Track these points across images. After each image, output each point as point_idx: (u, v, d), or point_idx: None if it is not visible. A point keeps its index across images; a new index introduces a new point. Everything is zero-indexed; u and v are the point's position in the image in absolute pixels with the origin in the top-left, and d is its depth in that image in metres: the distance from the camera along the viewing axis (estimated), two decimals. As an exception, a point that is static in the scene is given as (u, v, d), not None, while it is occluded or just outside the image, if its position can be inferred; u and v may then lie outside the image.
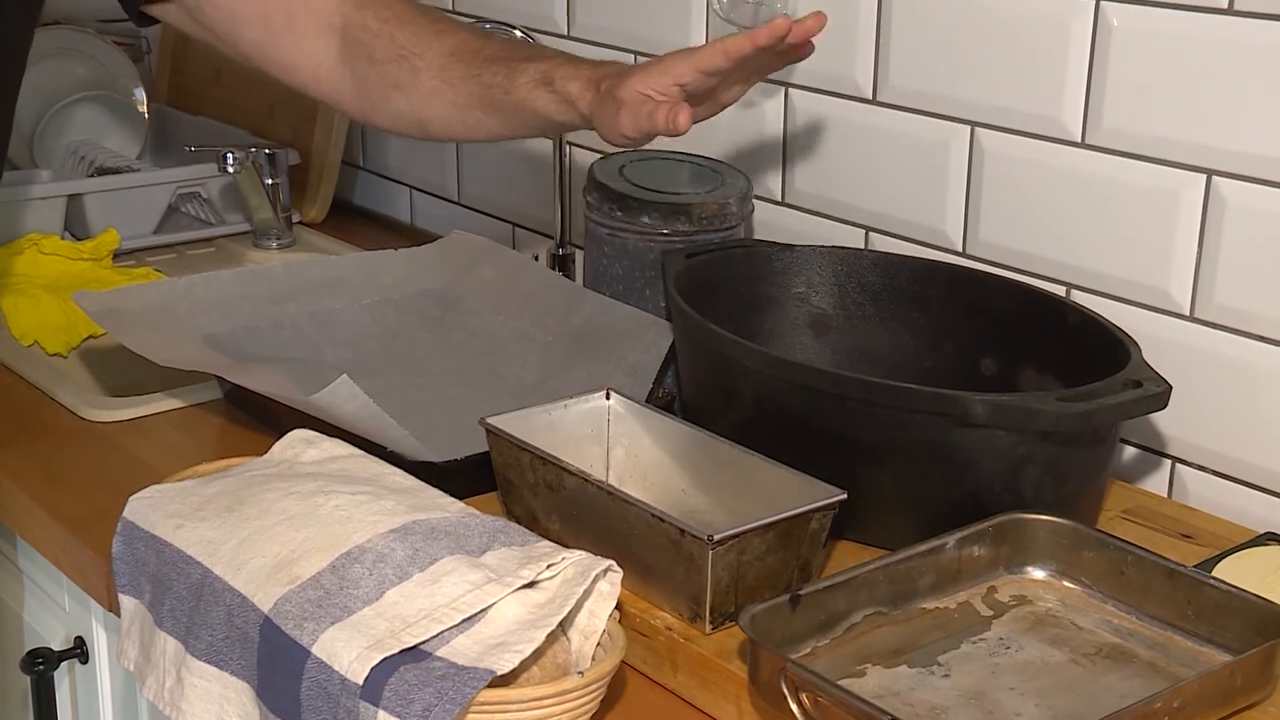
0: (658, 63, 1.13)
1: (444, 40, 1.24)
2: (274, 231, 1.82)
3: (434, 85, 1.23)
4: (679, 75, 1.11)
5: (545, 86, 1.17)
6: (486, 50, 1.22)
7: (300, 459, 1.09)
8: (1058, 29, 1.23)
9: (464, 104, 1.22)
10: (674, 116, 1.08)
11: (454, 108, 1.23)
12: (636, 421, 1.14)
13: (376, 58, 1.24)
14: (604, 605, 0.93)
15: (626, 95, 1.11)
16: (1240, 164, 1.14)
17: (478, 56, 1.22)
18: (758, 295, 1.31)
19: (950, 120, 1.33)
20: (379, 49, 1.24)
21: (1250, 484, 1.18)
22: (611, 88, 1.13)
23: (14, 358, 1.46)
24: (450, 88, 1.22)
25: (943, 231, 1.36)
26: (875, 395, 1.05)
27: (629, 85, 1.12)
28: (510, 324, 1.45)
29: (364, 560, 0.93)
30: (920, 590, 1.00)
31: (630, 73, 1.13)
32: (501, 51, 1.22)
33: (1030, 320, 1.22)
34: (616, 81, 1.13)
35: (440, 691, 0.84)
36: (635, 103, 1.11)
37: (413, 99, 1.24)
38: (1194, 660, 0.95)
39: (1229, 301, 1.17)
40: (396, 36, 1.24)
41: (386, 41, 1.24)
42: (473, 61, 1.21)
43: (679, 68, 1.11)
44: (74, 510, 1.17)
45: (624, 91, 1.12)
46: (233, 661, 0.95)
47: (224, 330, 1.39)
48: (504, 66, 1.20)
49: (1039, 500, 1.05)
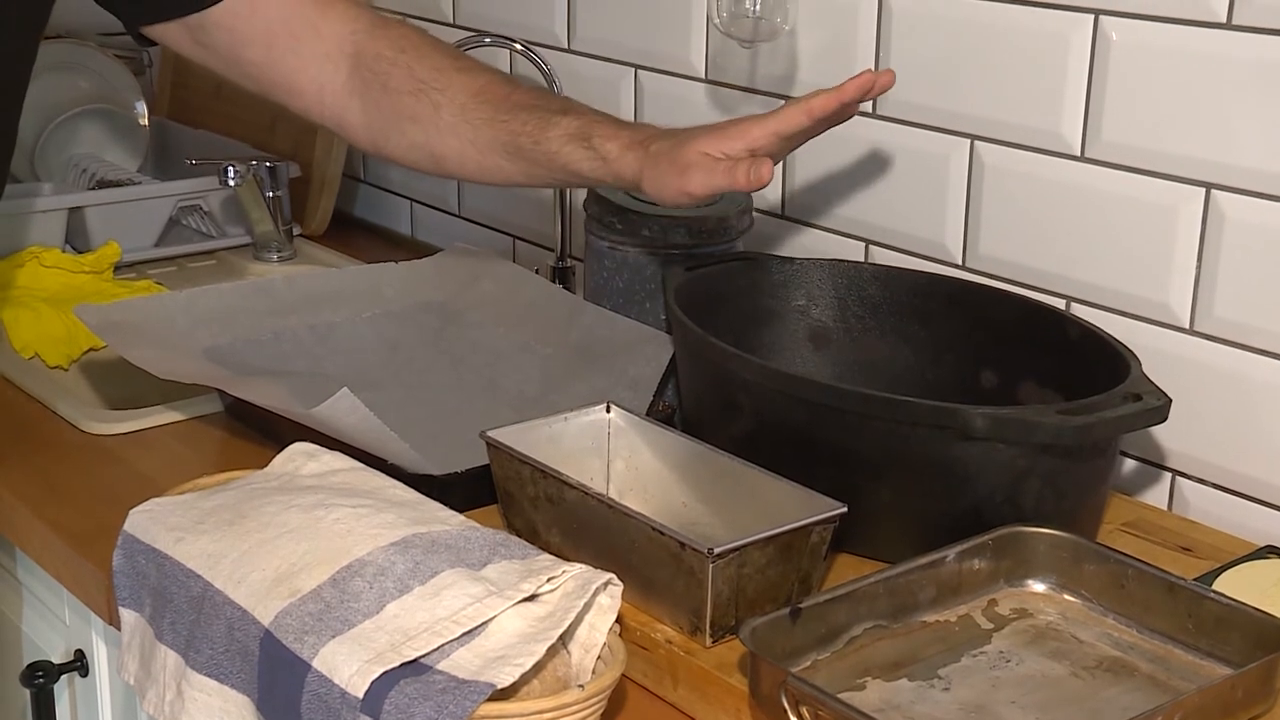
0: (729, 127, 1.12)
1: (468, 79, 1.22)
2: (275, 244, 1.82)
3: (453, 123, 1.22)
4: (754, 140, 1.11)
5: (580, 142, 1.17)
6: (515, 96, 1.22)
7: (301, 472, 1.09)
8: (1057, 43, 1.24)
9: (484, 146, 1.22)
10: (757, 171, 1.08)
11: (473, 148, 1.22)
12: (637, 434, 1.14)
13: (392, 87, 1.23)
14: (604, 618, 0.93)
15: (693, 158, 1.11)
16: (1239, 178, 1.14)
17: (506, 101, 1.21)
18: (758, 308, 1.31)
19: (950, 134, 1.33)
20: (395, 78, 1.23)
21: (1250, 497, 1.18)
22: (669, 151, 1.12)
23: (15, 370, 1.46)
24: (471, 128, 1.21)
25: (943, 245, 1.36)
26: (875, 408, 1.05)
27: (694, 147, 1.12)
28: (511, 337, 1.45)
29: (364, 574, 0.93)
30: (921, 603, 1.00)
31: (694, 136, 1.13)
32: (532, 100, 1.22)
33: (1030, 333, 1.22)
34: (676, 145, 1.13)
35: (440, 705, 0.84)
36: (705, 165, 1.11)
37: (430, 133, 1.23)
38: (1194, 674, 0.95)
39: (1229, 315, 1.17)
40: (416, 69, 1.23)
41: (404, 72, 1.23)
42: (500, 106, 1.21)
43: (754, 132, 1.11)
44: (74, 523, 1.17)
45: (689, 154, 1.11)
46: (233, 675, 0.95)
47: (225, 343, 1.39)
48: (535, 116, 1.19)
49: (1039, 513, 1.05)
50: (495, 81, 1.23)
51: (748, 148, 1.11)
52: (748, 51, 1.47)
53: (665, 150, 1.13)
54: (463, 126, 1.22)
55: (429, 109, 1.22)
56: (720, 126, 1.13)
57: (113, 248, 1.71)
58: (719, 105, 1.53)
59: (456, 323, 1.49)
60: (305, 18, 1.24)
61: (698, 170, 1.11)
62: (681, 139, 1.13)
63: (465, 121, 1.21)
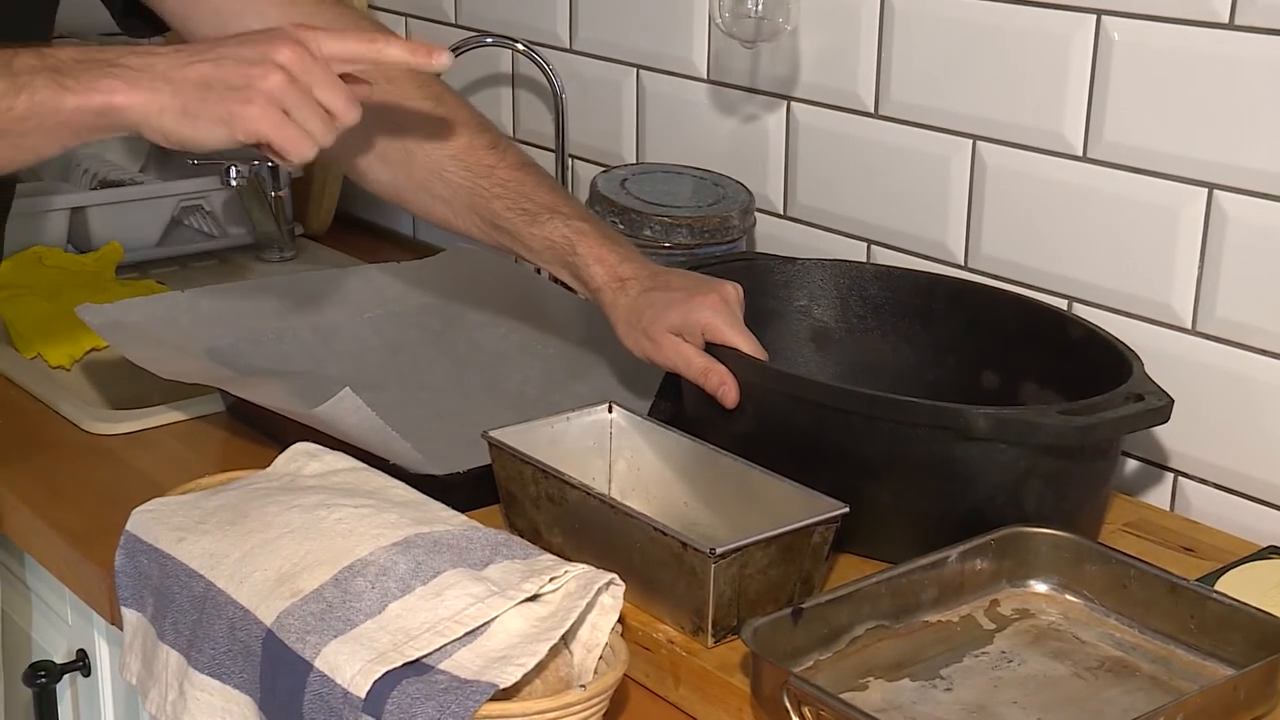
0: (703, 324, 1.13)
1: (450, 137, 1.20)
2: (277, 244, 1.82)
3: (425, 179, 1.21)
4: (727, 341, 1.13)
5: (564, 254, 1.18)
6: (499, 172, 1.20)
7: (303, 472, 1.09)
8: (1059, 43, 1.24)
9: (459, 209, 1.21)
10: (729, 392, 1.11)
11: (444, 205, 1.22)
12: (639, 435, 1.14)
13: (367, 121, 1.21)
14: (606, 619, 0.93)
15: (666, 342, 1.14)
16: (1242, 178, 1.14)
17: (491, 175, 1.19)
18: (759, 308, 1.31)
19: (952, 134, 1.33)
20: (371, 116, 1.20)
21: (1252, 497, 1.18)
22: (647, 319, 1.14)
23: (17, 370, 1.46)
24: (446, 186, 1.20)
25: (944, 245, 1.36)
26: (877, 409, 1.05)
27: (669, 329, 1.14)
28: (512, 337, 1.45)
29: (366, 573, 0.93)
30: (922, 604, 1.00)
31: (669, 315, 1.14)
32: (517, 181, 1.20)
33: (1032, 334, 1.22)
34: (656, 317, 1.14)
35: (442, 705, 0.84)
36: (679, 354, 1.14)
37: (400, 181, 1.21)
38: (1196, 674, 0.95)
39: (1231, 315, 1.17)
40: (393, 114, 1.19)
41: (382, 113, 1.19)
42: (483, 175, 1.19)
43: (731, 339, 1.13)
44: (76, 523, 1.17)
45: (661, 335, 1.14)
46: (235, 675, 0.95)
47: (227, 343, 1.39)
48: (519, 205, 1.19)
49: (1041, 514, 1.05)
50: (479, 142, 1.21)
51: (700, 341, 1.14)
52: (750, 52, 1.47)
53: (641, 311, 1.15)
54: (436, 184, 1.21)
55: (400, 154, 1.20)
56: (697, 317, 1.13)
57: (115, 248, 1.71)
58: (721, 105, 1.53)
59: (458, 323, 1.49)
60: None
61: (671, 352, 1.14)
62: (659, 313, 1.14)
63: (439, 180, 1.20)
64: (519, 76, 1.77)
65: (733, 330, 1.13)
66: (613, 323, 1.18)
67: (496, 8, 1.76)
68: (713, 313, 1.13)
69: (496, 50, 1.75)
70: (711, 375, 1.12)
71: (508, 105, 1.79)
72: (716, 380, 1.12)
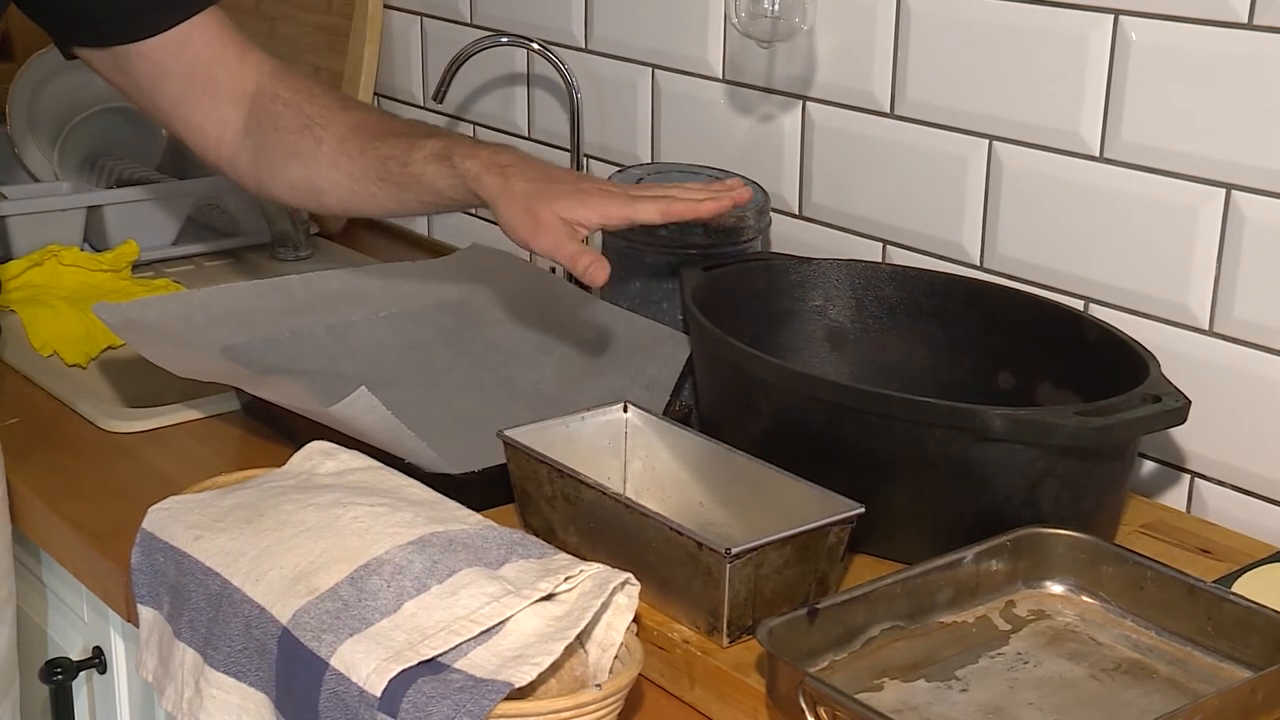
0: (588, 197, 1.16)
1: (349, 114, 1.27)
2: (293, 243, 1.83)
3: (332, 156, 1.25)
4: (608, 219, 1.16)
5: (442, 161, 1.20)
6: (388, 126, 1.26)
7: (318, 470, 1.09)
8: (1076, 43, 1.23)
9: (359, 176, 1.25)
10: (594, 272, 1.14)
11: (349, 178, 1.25)
12: (654, 434, 1.14)
13: (282, 126, 1.27)
14: (622, 618, 0.93)
15: (547, 218, 1.15)
16: (1260, 178, 1.14)
17: (379, 131, 1.25)
18: (775, 308, 1.31)
19: (968, 134, 1.33)
20: (286, 118, 1.27)
21: (1270, 499, 1.18)
22: (526, 198, 1.15)
23: (34, 369, 1.46)
24: (348, 159, 1.25)
25: (960, 245, 1.36)
26: (893, 409, 1.05)
27: (551, 208, 1.15)
28: (528, 336, 1.45)
29: (382, 572, 0.93)
30: (938, 604, 1.00)
31: (554, 195, 1.15)
32: (403, 128, 1.26)
33: (1048, 335, 1.22)
34: (534, 195, 1.15)
35: (458, 704, 0.84)
36: (556, 232, 1.15)
37: (310, 168, 1.26)
38: (1214, 676, 0.95)
39: (1248, 316, 1.17)
40: (305, 108, 1.27)
41: (295, 111, 1.27)
42: (374, 136, 1.25)
43: (610, 211, 1.16)
44: (93, 521, 1.17)
45: (545, 213, 1.15)
46: (251, 673, 0.95)
47: (242, 342, 1.39)
48: (403, 140, 1.23)
49: (1057, 515, 1.05)
50: (374, 116, 1.29)
51: (602, 223, 1.16)
52: (766, 51, 1.47)
53: (522, 195, 1.16)
54: (340, 158, 1.25)
55: (311, 144, 1.26)
56: (581, 192, 1.16)
57: (131, 246, 1.71)
58: (737, 105, 1.53)
59: (474, 322, 1.49)
60: (225, 62, 1.28)
61: (547, 233, 1.15)
62: (541, 191, 1.16)
63: (343, 153, 1.25)
64: (534, 76, 1.77)
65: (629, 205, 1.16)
66: (494, 206, 1.18)
67: (511, 7, 1.76)
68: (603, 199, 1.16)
69: (511, 50, 1.75)
70: (581, 257, 1.14)
71: (522, 105, 1.79)
72: (586, 260, 1.14)
